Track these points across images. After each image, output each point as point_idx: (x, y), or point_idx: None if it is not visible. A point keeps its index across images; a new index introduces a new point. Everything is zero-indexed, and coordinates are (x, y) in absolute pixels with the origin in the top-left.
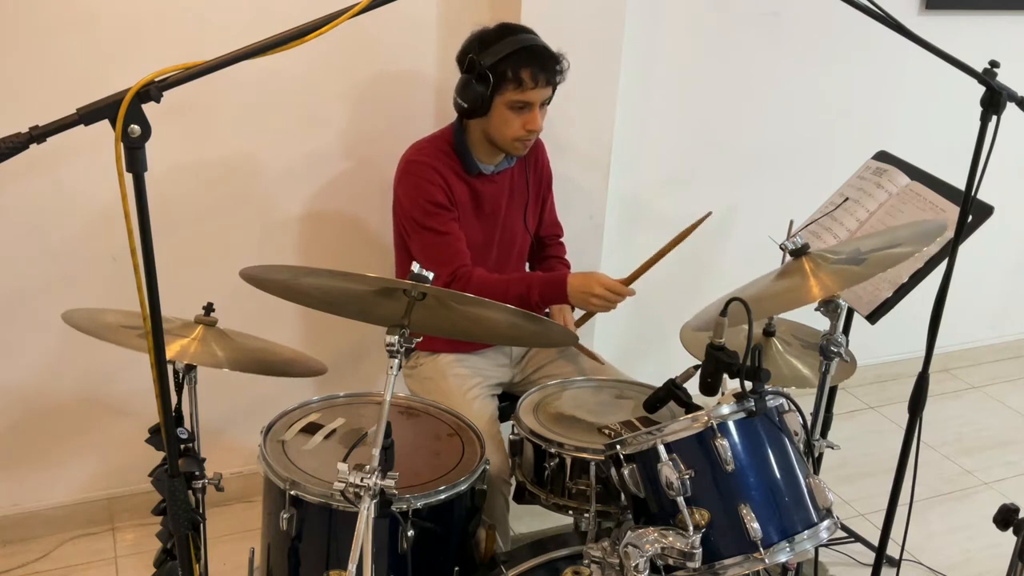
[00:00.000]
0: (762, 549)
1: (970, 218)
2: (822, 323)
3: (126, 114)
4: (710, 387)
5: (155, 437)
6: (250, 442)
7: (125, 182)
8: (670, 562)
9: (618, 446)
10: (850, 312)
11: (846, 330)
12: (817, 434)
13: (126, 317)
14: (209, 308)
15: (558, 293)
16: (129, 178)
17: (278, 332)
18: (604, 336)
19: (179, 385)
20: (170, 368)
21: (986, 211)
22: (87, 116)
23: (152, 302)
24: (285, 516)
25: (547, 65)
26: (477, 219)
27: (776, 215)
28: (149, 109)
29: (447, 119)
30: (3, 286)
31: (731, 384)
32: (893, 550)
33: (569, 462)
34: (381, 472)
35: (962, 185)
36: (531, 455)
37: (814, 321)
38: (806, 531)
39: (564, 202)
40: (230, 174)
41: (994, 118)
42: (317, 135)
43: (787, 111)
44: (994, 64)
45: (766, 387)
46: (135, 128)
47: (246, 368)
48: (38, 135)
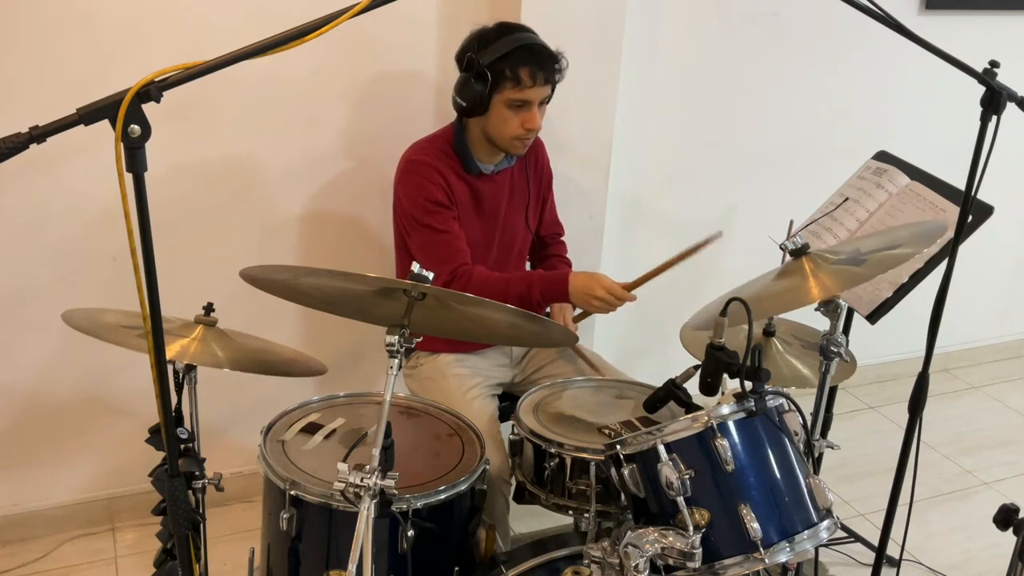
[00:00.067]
0: (762, 549)
1: (970, 218)
2: (822, 323)
3: (126, 114)
4: (710, 387)
5: (155, 437)
6: (250, 442)
7: (125, 182)
8: (670, 562)
9: (618, 446)
10: (850, 312)
11: (846, 330)
12: (817, 434)
13: (126, 317)
14: (209, 308)
15: (559, 292)
16: (129, 178)
17: (278, 332)
18: (604, 336)
19: (179, 385)
20: (170, 368)
21: (986, 211)
22: (87, 116)
23: (152, 302)
24: (285, 516)
25: (545, 63)
26: (477, 219)
27: (776, 215)
28: (149, 109)
29: (447, 119)
30: (3, 286)
31: (731, 384)
32: (893, 550)
33: (569, 462)
34: (381, 472)
35: (962, 185)
36: (531, 455)
37: (814, 321)
38: (806, 531)
39: (564, 202)
40: (230, 174)
41: (994, 118)
42: (317, 135)
43: (787, 111)
44: (994, 64)
45: (766, 387)
46: (135, 128)
47: (246, 368)
48: (38, 135)
